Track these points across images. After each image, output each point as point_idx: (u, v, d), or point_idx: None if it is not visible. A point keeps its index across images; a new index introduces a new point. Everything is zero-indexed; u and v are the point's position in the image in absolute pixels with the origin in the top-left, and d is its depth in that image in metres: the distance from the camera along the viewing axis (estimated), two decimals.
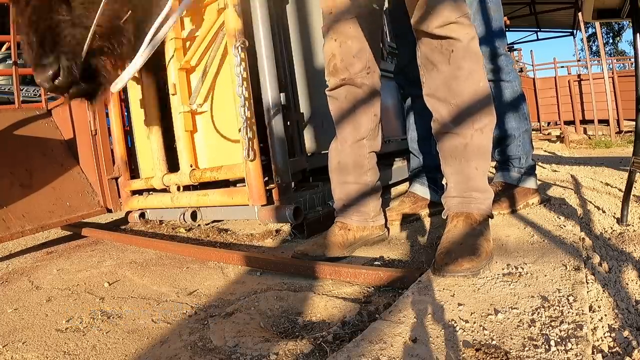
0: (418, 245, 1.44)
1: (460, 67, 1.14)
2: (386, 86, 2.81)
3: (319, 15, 2.08)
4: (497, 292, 0.88)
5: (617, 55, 19.51)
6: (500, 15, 1.60)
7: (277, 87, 1.78)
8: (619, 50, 21.20)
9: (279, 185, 1.74)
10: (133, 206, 2.43)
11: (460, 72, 1.14)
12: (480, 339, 0.70)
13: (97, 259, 1.79)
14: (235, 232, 2.02)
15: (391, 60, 3.07)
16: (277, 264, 1.32)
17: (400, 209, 1.72)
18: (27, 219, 2.11)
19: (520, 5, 9.99)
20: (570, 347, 0.65)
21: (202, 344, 0.90)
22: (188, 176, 1.99)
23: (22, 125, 2.43)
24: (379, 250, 1.44)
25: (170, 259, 1.65)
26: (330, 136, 1.49)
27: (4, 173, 2.16)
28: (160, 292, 1.28)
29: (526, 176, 1.63)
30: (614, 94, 7.84)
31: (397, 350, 0.69)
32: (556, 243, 1.13)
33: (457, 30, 1.12)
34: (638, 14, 1.28)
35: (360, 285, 1.14)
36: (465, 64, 1.14)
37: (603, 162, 2.95)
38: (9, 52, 3.29)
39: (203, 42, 1.90)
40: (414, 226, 1.68)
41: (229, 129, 1.88)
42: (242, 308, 1.06)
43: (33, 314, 1.20)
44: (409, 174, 1.88)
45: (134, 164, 2.56)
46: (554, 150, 5.01)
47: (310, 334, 0.90)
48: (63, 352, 0.94)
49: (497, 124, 1.66)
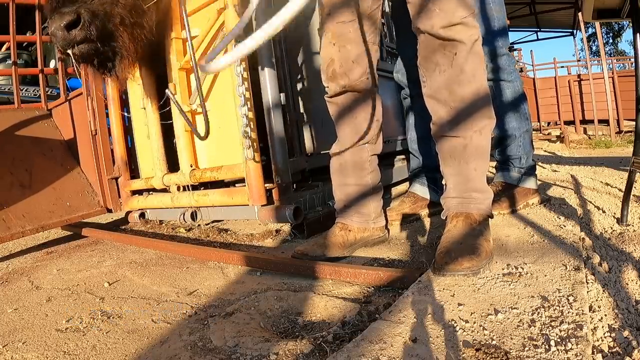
0: (418, 245, 1.44)
1: (463, 71, 1.13)
2: (386, 86, 2.81)
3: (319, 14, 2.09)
4: (497, 292, 0.88)
5: (617, 55, 19.51)
6: (503, 15, 1.59)
7: (277, 87, 1.78)
8: (619, 50, 21.20)
9: (279, 185, 1.74)
10: (133, 206, 2.43)
11: (463, 76, 1.13)
12: (480, 339, 0.70)
13: (97, 259, 1.79)
14: (235, 232, 2.02)
15: (391, 60, 3.07)
16: (277, 264, 1.32)
17: (400, 209, 1.72)
18: (27, 219, 2.11)
19: (520, 5, 9.99)
20: (570, 347, 0.65)
21: (202, 344, 0.90)
22: (188, 176, 1.99)
23: (22, 126, 2.43)
24: (379, 250, 1.44)
25: (170, 259, 1.65)
26: (330, 136, 1.49)
27: (4, 173, 2.16)
28: (160, 292, 1.28)
29: (526, 176, 1.63)
30: (614, 94, 7.84)
31: (397, 350, 0.69)
32: (556, 243, 1.13)
33: (461, 32, 1.10)
34: (638, 14, 1.27)
35: (360, 285, 1.14)
36: (468, 67, 1.13)
37: (603, 162, 2.95)
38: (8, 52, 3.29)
39: (203, 42, 1.90)
40: (414, 226, 1.68)
41: (228, 129, 1.88)
42: (242, 308, 1.06)
43: (33, 314, 1.20)
44: (408, 174, 1.88)
45: (134, 164, 2.56)
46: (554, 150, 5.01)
47: (310, 334, 0.90)
48: (63, 352, 0.94)
49: (498, 124, 1.66)
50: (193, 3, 1.91)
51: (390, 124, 2.83)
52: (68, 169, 2.47)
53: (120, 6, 1.45)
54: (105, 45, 1.46)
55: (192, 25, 1.96)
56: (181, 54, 1.95)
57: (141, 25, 1.56)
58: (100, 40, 1.42)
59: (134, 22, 1.53)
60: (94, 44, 1.41)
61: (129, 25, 1.50)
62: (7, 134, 2.32)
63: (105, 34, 1.43)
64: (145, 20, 1.59)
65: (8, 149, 2.27)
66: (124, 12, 1.47)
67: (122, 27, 1.48)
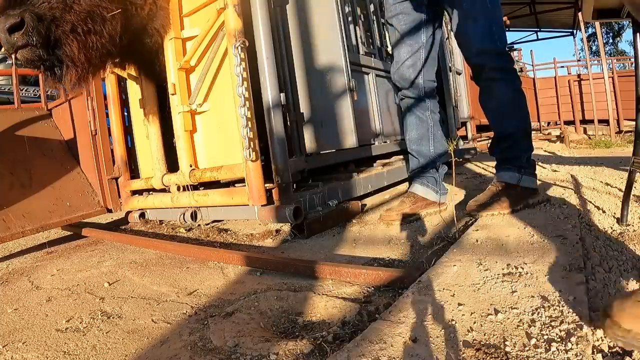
0: (418, 245, 1.44)
1: None
2: (387, 86, 2.81)
3: (319, 15, 2.09)
4: (497, 292, 0.88)
5: (617, 55, 19.49)
6: (500, 15, 1.60)
7: (277, 87, 1.78)
8: (619, 50, 21.19)
9: (279, 185, 1.74)
10: (133, 206, 2.43)
11: None
12: (480, 339, 0.70)
13: (97, 259, 1.79)
14: (235, 232, 2.02)
15: (391, 61, 3.07)
16: (277, 264, 1.32)
17: (400, 209, 1.72)
18: (28, 219, 2.11)
19: (520, 5, 9.99)
20: (570, 347, 0.65)
21: (202, 344, 0.90)
22: (188, 176, 1.99)
23: (22, 126, 2.43)
24: (379, 250, 1.44)
25: (170, 259, 1.65)
26: (330, 136, 1.49)
27: (4, 173, 2.16)
28: (160, 292, 1.28)
29: (526, 176, 1.62)
30: (614, 94, 7.83)
31: (397, 350, 0.69)
32: (556, 243, 1.13)
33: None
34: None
35: (360, 285, 1.14)
36: None
37: (603, 162, 2.95)
38: None
39: (203, 42, 1.90)
40: (414, 226, 1.68)
41: (228, 129, 1.88)
42: (242, 308, 1.06)
43: (33, 314, 1.20)
44: (408, 174, 1.88)
45: (134, 164, 2.56)
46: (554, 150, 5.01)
47: (310, 334, 0.90)
48: (63, 352, 0.94)
49: (497, 124, 1.66)
50: (193, 3, 1.91)
51: (390, 124, 2.84)
52: (68, 169, 2.47)
53: (73, 12, 1.34)
54: (49, 53, 1.34)
55: (191, 25, 1.96)
56: (180, 54, 1.95)
57: (99, 33, 1.43)
58: (44, 47, 1.31)
59: (89, 30, 1.40)
60: (37, 50, 1.31)
61: (80, 33, 1.38)
62: (7, 134, 2.32)
63: (50, 41, 1.32)
64: (106, 28, 1.46)
65: (8, 149, 2.27)
66: (76, 19, 1.35)
67: (72, 35, 1.36)
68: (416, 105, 1.77)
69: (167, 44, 1.94)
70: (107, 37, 1.48)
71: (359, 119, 2.19)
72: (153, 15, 1.79)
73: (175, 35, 1.93)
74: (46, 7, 1.29)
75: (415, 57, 1.72)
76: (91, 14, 1.40)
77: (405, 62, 1.72)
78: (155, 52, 1.95)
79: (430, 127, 1.78)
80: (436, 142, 1.78)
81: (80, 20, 1.37)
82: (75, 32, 1.37)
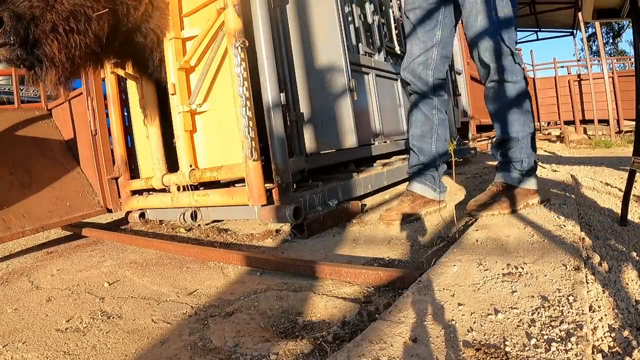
0: (418, 245, 1.44)
1: None
2: (387, 86, 2.81)
3: (319, 15, 2.09)
4: (497, 292, 0.88)
5: (617, 55, 19.49)
6: (510, 11, 1.54)
7: (277, 87, 1.78)
8: (619, 50, 21.18)
9: (279, 185, 1.74)
10: (133, 206, 2.43)
11: None
12: (480, 339, 0.70)
13: (97, 259, 1.79)
14: (235, 232, 2.02)
15: (391, 60, 3.07)
16: (277, 264, 1.32)
17: (400, 209, 1.72)
18: (28, 219, 2.11)
19: (520, 5, 9.99)
20: (570, 347, 0.65)
21: (202, 344, 0.90)
22: (188, 176, 1.99)
23: (22, 126, 2.43)
24: (379, 250, 1.44)
25: (170, 259, 1.65)
26: (330, 136, 1.49)
27: (4, 173, 2.16)
28: (160, 292, 1.28)
29: (527, 177, 1.62)
30: (614, 94, 7.84)
31: (397, 350, 0.69)
32: (556, 243, 1.13)
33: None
34: (638, 14, 1.27)
35: (360, 285, 1.14)
36: None
37: (603, 162, 2.95)
38: None
39: (203, 42, 1.90)
40: (414, 226, 1.68)
41: (228, 129, 1.88)
42: (242, 308, 1.06)
43: (33, 314, 1.20)
44: (407, 171, 1.87)
45: (134, 164, 2.56)
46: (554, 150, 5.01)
47: (310, 334, 0.90)
48: (63, 352, 0.94)
49: (501, 126, 1.64)
50: (193, 3, 1.91)
51: (390, 123, 2.84)
52: (68, 169, 2.47)
53: (54, 11, 1.31)
54: (28, 53, 1.32)
55: (191, 25, 1.96)
56: (180, 54, 1.95)
57: (83, 33, 1.41)
58: (22, 46, 1.29)
59: (71, 30, 1.38)
60: (16, 50, 1.29)
61: (62, 33, 1.36)
62: (7, 134, 2.32)
63: (29, 40, 1.30)
64: (92, 28, 1.43)
65: (8, 149, 2.27)
66: (58, 18, 1.33)
67: (53, 35, 1.34)
68: (423, 102, 1.76)
69: (167, 43, 1.94)
70: (92, 37, 1.45)
71: (359, 119, 2.19)
72: (148, 16, 1.78)
73: (175, 35, 1.93)
74: (26, 6, 1.27)
75: (427, 55, 1.70)
76: (74, 13, 1.37)
77: (417, 59, 1.71)
78: (149, 52, 1.94)
79: (435, 125, 1.77)
80: (438, 141, 1.77)
81: (62, 20, 1.35)
82: (56, 31, 1.35)
